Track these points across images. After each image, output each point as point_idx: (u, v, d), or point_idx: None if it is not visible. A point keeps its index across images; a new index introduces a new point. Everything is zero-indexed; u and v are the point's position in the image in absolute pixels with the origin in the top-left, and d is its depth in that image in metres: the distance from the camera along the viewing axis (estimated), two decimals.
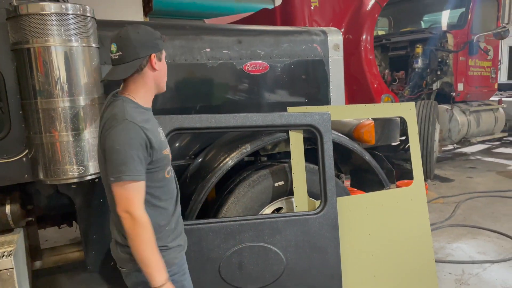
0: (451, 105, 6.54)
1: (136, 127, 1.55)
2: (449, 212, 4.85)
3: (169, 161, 1.75)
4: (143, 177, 1.56)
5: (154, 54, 1.65)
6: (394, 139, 3.54)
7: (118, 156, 1.52)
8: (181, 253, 1.80)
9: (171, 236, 1.75)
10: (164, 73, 1.74)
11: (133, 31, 1.65)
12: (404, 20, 7.60)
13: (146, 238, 1.54)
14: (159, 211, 1.70)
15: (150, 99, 1.75)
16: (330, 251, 2.50)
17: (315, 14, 4.76)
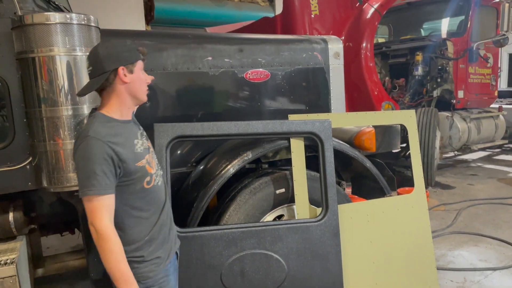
0: (451, 112, 6.56)
1: (98, 142, 1.58)
2: (451, 219, 4.85)
3: (146, 172, 1.72)
4: (109, 191, 1.58)
5: (122, 67, 1.64)
6: (395, 146, 3.56)
7: (82, 172, 1.57)
8: (159, 267, 1.76)
9: (151, 247, 1.74)
10: (139, 84, 1.71)
11: (102, 46, 1.70)
12: (404, 27, 7.65)
13: (110, 251, 1.57)
14: (139, 221, 1.71)
15: (128, 111, 1.74)
16: (331, 258, 2.50)
17: (316, 22, 4.78)
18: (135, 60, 1.69)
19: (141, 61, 1.72)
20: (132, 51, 1.70)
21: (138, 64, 1.70)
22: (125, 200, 1.66)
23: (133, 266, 1.69)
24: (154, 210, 1.77)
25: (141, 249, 1.71)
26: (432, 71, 6.41)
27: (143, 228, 1.72)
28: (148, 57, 2.55)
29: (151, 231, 1.74)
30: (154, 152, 1.89)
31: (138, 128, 1.82)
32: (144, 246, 1.72)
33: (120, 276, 1.59)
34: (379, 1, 5.08)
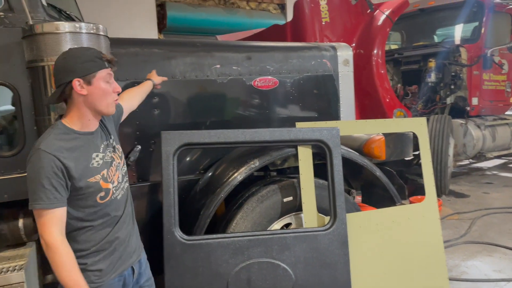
0: (465, 119, 6.45)
1: (48, 156, 1.56)
2: (464, 229, 4.75)
3: (99, 188, 1.68)
4: (58, 205, 1.57)
5: (77, 79, 1.60)
6: (407, 154, 3.52)
7: (30, 185, 1.57)
8: (100, 279, 1.72)
9: (96, 258, 1.72)
10: (99, 96, 1.65)
11: (61, 57, 1.67)
12: (416, 34, 7.58)
13: (61, 263, 1.57)
14: (88, 232, 1.69)
15: (89, 123, 1.70)
16: (339, 268, 2.47)
17: (326, 30, 4.77)
18: (94, 70, 1.62)
19: (104, 71, 1.66)
20: (93, 61, 1.63)
21: (99, 74, 1.63)
22: (75, 212, 1.66)
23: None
24: (106, 223, 1.73)
25: (84, 258, 1.69)
26: (445, 77, 6.33)
27: (91, 238, 1.70)
28: (157, 65, 2.60)
29: (99, 243, 1.71)
30: (122, 164, 1.84)
31: (104, 140, 1.78)
32: (89, 255, 1.70)
33: (71, 284, 1.58)
34: (391, 8, 5.04)
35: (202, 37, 7.93)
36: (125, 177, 1.86)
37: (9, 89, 2.20)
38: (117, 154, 1.83)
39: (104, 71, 1.66)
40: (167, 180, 2.27)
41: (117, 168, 1.80)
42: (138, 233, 1.97)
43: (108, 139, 1.81)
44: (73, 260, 1.60)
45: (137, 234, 1.95)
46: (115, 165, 1.79)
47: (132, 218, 1.90)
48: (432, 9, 7.12)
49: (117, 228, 1.77)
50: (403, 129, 3.02)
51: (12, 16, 2.19)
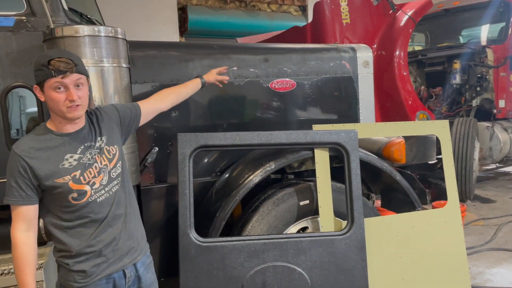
0: (492, 122, 6.26)
1: (15, 156, 1.63)
2: (490, 235, 4.60)
3: (68, 188, 1.66)
4: (23, 203, 1.64)
5: (35, 86, 1.65)
6: (430, 158, 3.43)
7: (6, 181, 1.66)
8: (84, 280, 1.70)
9: (78, 259, 1.71)
10: (52, 103, 1.63)
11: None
12: (441, 35, 7.42)
13: (14, 257, 1.64)
14: (68, 232, 1.70)
15: (61, 125, 1.70)
16: (356, 273, 2.42)
17: (347, 31, 4.72)
18: (41, 79, 1.61)
19: (51, 80, 1.60)
20: (40, 69, 1.61)
21: (46, 83, 1.61)
22: (52, 210, 1.70)
23: (61, 269, 1.75)
24: (86, 225, 1.72)
25: (68, 258, 1.71)
26: (471, 79, 6.17)
27: (71, 239, 1.69)
28: (174, 67, 2.62)
29: (80, 244, 1.70)
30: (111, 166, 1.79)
31: (87, 141, 1.75)
32: (72, 256, 1.70)
33: (19, 283, 1.65)
34: (414, 8, 4.95)
35: (223, 40, 7.97)
36: (115, 181, 1.80)
37: (31, 91, 2.25)
38: (105, 156, 1.78)
39: (51, 80, 1.60)
40: (182, 182, 2.28)
41: (102, 170, 1.75)
42: (138, 235, 1.90)
43: (94, 141, 1.77)
44: (28, 259, 1.65)
45: (134, 238, 1.86)
46: (98, 167, 1.74)
47: (125, 222, 1.82)
48: (457, 9, 6.95)
49: (99, 231, 1.73)
50: (424, 132, 2.94)
51: (34, 20, 2.24)
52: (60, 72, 1.59)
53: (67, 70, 1.60)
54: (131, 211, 1.87)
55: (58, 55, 1.63)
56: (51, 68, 1.58)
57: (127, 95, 2.36)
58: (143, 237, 1.95)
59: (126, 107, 2.01)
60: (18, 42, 2.22)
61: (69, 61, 1.62)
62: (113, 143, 1.84)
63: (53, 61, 1.59)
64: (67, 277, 1.72)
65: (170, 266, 2.53)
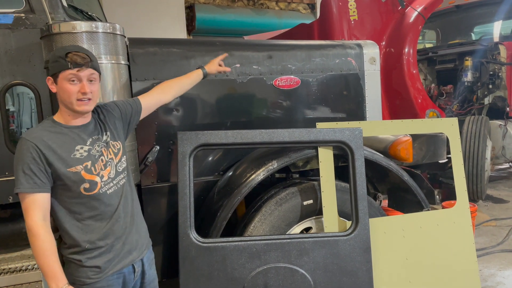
0: (505, 120, 6.12)
1: (27, 143, 1.63)
2: (502, 236, 4.48)
3: (81, 178, 1.69)
4: (38, 190, 1.62)
5: (48, 77, 1.71)
6: (441, 157, 3.35)
7: (15, 171, 1.64)
8: (98, 275, 1.72)
9: (91, 254, 1.72)
10: (63, 95, 1.69)
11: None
12: (453, 32, 7.28)
13: (37, 247, 1.60)
14: (78, 226, 1.71)
15: (69, 118, 1.74)
16: (361, 275, 2.35)
17: (354, 28, 4.64)
18: (56, 71, 1.67)
19: (67, 71, 1.66)
20: (56, 61, 1.67)
21: (61, 75, 1.67)
22: (63, 203, 1.69)
23: (71, 266, 1.71)
24: (96, 218, 1.73)
25: (80, 254, 1.70)
26: (483, 77, 6.03)
27: (82, 233, 1.71)
28: (176, 64, 2.58)
29: (92, 238, 1.71)
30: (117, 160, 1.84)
31: (95, 134, 1.79)
32: (83, 251, 1.70)
33: (48, 271, 1.62)
34: (423, 4, 4.85)
35: (231, 38, 7.93)
36: (122, 174, 1.84)
37: (30, 89, 2.23)
38: (111, 150, 1.83)
39: (66, 72, 1.67)
40: (183, 181, 2.23)
41: (108, 163, 1.79)
42: (142, 231, 1.95)
43: (102, 135, 1.82)
44: (52, 248, 1.63)
45: (140, 232, 1.92)
46: (105, 160, 1.78)
47: (133, 216, 1.87)
48: (468, 5, 6.81)
49: (110, 225, 1.76)
50: (431, 130, 2.86)
51: (33, 17, 2.22)
52: (76, 65, 1.67)
53: (83, 64, 1.68)
54: (136, 205, 1.93)
55: (76, 49, 1.72)
56: (68, 60, 1.66)
57: (126, 93, 2.33)
58: (146, 232, 1.99)
59: (127, 103, 2.02)
60: (17, 39, 2.20)
61: (86, 56, 1.70)
62: (117, 138, 1.89)
63: (70, 54, 1.67)
64: (79, 273, 1.71)
65: (171, 267, 2.49)
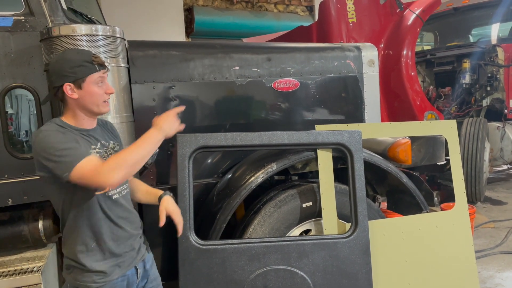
0: (503, 122, 6.14)
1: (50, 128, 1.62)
2: (501, 238, 4.49)
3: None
4: (88, 154, 1.59)
5: (68, 84, 1.63)
6: (439, 159, 3.36)
7: (51, 159, 1.55)
8: (102, 280, 1.71)
9: (97, 256, 1.71)
10: (90, 98, 1.68)
11: (55, 59, 1.72)
12: (451, 34, 7.30)
13: (128, 156, 1.58)
14: (89, 226, 1.70)
15: (84, 121, 1.74)
16: (360, 278, 2.35)
17: (353, 30, 4.65)
18: (84, 75, 1.65)
19: (95, 74, 1.67)
20: (83, 66, 1.65)
21: (89, 78, 1.66)
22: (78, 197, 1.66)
23: (74, 271, 1.70)
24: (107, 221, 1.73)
25: (86, 256, 1.69)
26: (481, 79, 6.05)
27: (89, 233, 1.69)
28: (175, 67, 2.58)
29: (96, 237, 1.71)
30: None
31: (102, 139, 1.80)
32: (90, 254, 1.69)
33: (145, 137, 1.67)
34: (421, 7, 4.87)
35: (230, 40, 7.94)
36: (125, 185, 1.85)
37: (29, 92, 2.23)
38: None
39: (95, 75, 1.67)
40: (182, 184, 2.23)
41: None
42: (141, 232, 1.96)
43: (108, 142, 1.83)
44: (127, 149, 1.63)
45: (141, 233, 1.94)
46: None
47: (135, 219, 1.89)
48: (466, 8, 6.84)
49: (117, 228, 1.76)
50: (430, 132, 2.87)
51: (33, 20, 2.22)
52: (102, 67, 1.69)
53: (106, 66, 1.72)
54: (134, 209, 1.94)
55: (92, 52, 1.73)
56: (94, 63, 1.66)
57: (126, 95, 2.33)
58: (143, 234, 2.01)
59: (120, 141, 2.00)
60: (17, 42, 2.20)
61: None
62: (117, 149, 1.88)
63: (94, 57, 1.68)
64: (83, 278, 1.70)
65: (171, 269, 2.49)
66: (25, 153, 2.28)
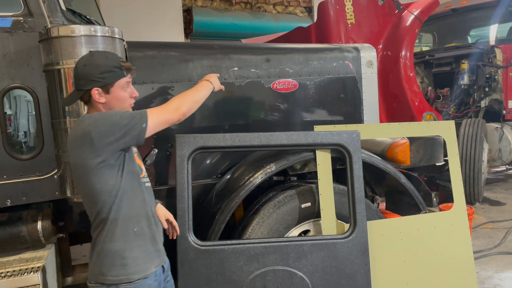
0: (501, 123, 6.15)
1: (95, 114, 1.67)
2: (499, 238, 4.50)
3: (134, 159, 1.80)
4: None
5: (95, 88, 1.66)
6: (438, 159, 3.37)
7: (119, 124, 1.61)
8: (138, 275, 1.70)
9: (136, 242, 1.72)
10: (117, 102, 1.72)
11: (81, 63, 1.71)
12: (449, 35, 7.32)
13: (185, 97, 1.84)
14: (133, 207, 1.72)
15: None
16: (359, 278, 2.36)
17: (352, 31, 4.66)
18: (113, 80, 1.68)
19: (123, 79, 1.71)
20: (112, 71, 1.68)
21: (117, 83, 1.70)
22: (124, 185, 1.68)
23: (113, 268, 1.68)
24: (141, 207, 1.75)
25: (126, 248, 1.68)
26: (479, 80, 6.07)
27: (134, 215, 1.71)
28: (174, 68, 2.58)
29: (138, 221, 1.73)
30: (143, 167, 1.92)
31: None
32: (130, 243, 1.70)
33: (203, 85, 1.99)
34: (420, 8, 4.88)
35: (229, 41, 7.95)
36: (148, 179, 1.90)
37: (28, 92, 2.23)
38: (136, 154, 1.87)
39: (123, 80, 1.71)
40: (181, 184, 2.24)
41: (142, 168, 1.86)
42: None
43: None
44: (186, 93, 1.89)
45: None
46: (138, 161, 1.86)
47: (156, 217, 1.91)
48: (465, 9, 6.86)
49: (150, 217, 1.78)
50: (428, 133, 2.88)
51: (32, 20, 2.22)
52: (129, 71, 1.74)
53: (133, 70, 1.77)
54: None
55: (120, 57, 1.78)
56: (122, 68, 1.70)
57: None
58: None
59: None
60: (15, 43, 2.20)
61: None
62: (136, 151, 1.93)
63: (122, 62, 1.72)
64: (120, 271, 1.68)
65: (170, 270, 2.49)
66: (24, 153, 2.28)
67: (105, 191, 1.65)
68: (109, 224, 1.67)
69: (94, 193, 1.65)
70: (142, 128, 1.63)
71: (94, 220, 1.71)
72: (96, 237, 1.72)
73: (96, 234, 1.72)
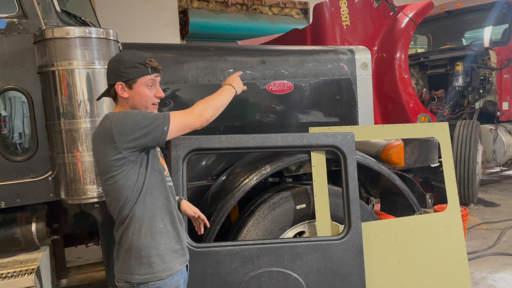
0: (495, 125, 6.19)
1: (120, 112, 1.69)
2: (493, 239, 4.52)
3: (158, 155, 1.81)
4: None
5: (120, 83, 1.71)
6: (432, 161, 3.38)
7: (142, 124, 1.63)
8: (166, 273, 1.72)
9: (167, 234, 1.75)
10: (139, 99, 1.74)
11: (112, 59, 1.79)
12: (443, 37, 7.36)
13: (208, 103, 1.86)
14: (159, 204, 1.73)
15: None
16: (354, 279, 2.37)
17: (347, 33, 4.68)
18: (136, 76, 1.71)
19: (146, 77, 1.72)
20: (135, 67, 1.71)
21: (140, 80, 1.72)
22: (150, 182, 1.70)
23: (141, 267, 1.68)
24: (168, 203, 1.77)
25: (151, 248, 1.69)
26: (473, 81, 6.10)
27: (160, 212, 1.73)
28: (169, 69, 2.58)
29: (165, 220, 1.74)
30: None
31: None
32: (162, 235, 1.72)
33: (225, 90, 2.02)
34: (414, 10, 4.90)
35: (224, 43, 7.95)
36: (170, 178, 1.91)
37: (23, 94, 2.23)
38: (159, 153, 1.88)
39: (146, 77, 1.73)
40: (176, 186, 2.23)
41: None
42: None
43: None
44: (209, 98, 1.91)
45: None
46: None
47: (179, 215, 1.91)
48: (459, 11, 6.90)
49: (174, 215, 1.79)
50: (422, 134, 2.89)
51: (26, 22, 2.22)
52: (155, 70, 1.75)
53: (160, 70, 1.78)
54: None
55: (148, 55, 1.77)
56: (148, 66, 1.72)
57: None
58: None
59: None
60: (10, 44, 2.20)
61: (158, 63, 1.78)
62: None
63: (148, 60, 1.74)
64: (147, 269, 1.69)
65: None
66: (18, 155, 2.28)
67: (127, 187, 1.66)
68: (135, 222, 1.68)
69: (117, 188, 1.67)
70: (163, 130, 1.66)
71: (117, 217, 1.72)
72: (121, 236, 1.72)
73: (120, 233, 1.72)
